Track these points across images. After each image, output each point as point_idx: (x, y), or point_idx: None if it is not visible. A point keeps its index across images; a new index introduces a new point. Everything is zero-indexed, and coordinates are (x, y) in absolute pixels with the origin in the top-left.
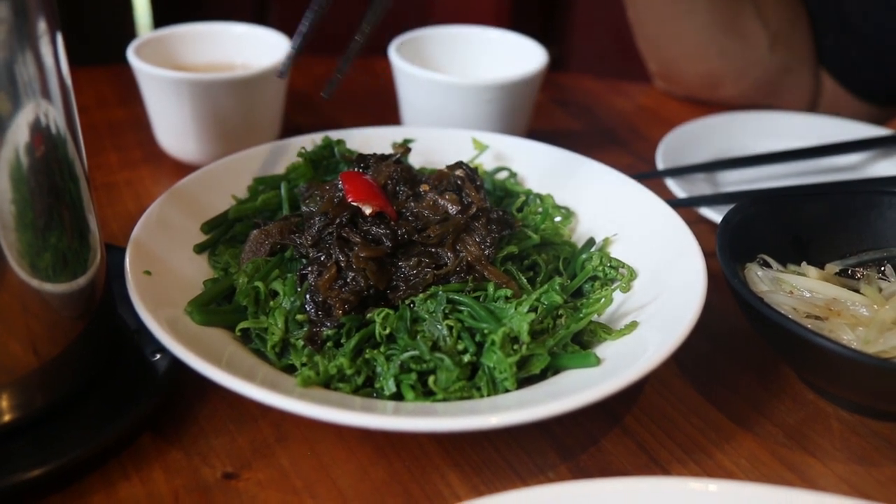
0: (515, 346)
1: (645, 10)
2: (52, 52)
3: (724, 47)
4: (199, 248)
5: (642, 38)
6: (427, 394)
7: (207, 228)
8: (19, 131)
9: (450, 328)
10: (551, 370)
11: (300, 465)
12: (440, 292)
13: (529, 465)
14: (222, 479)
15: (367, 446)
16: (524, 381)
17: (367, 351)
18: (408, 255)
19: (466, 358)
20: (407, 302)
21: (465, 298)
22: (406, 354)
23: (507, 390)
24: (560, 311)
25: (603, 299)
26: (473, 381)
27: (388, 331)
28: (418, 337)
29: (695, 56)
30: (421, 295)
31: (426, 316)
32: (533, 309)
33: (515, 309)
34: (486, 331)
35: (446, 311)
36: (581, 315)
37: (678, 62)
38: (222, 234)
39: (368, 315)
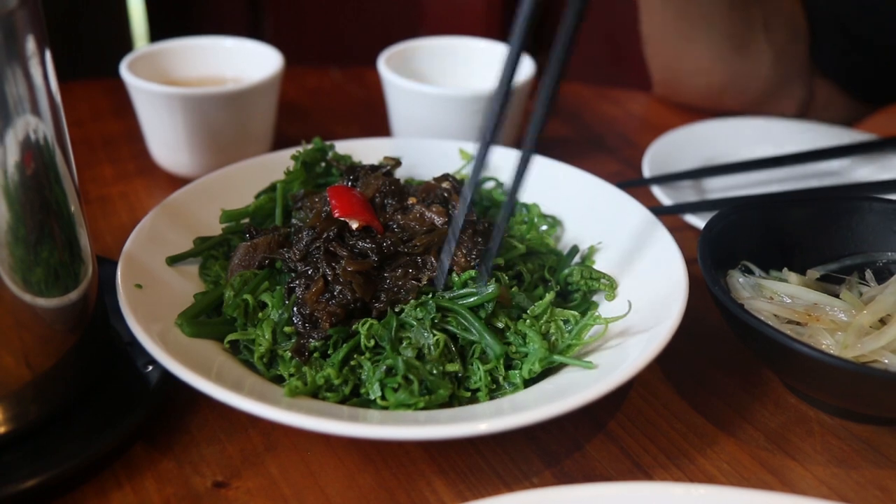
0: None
1: (661, 27)
2: (42, 71)
3: (733, 66)
4: (171, 260)
5: (652, 52)
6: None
7: (200, 243)
8: (9, 149)
9: (437, 341)
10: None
11: (289, 474)
12: (430, 301)
13: (514, 470)
14: (213, 487)
15: (354, 454)
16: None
17: (355, 358)
18: (394, 266)
19: (452, 367)
20: (396, 309)
21: (457, 307)
22: (389, 361)
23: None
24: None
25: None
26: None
27: (372, 342)
28: (404, 343)
29: (703, 72)
30: (412, 301)
31: (413, 323)
32: (545, 359)
33: (525, 340)
34: (484, 346)
35: (435, 320)
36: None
37: (685, 77)
38: (201, 249)
39: (354, 326)
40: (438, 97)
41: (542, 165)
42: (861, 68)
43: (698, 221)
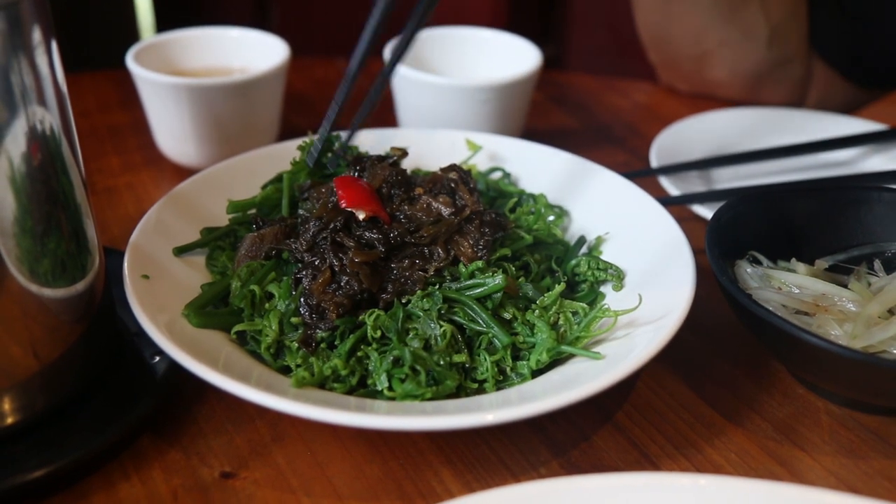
0: (525, 370)
1: None
2: (48, 61)
3: (724, 36)
4: (178, 251)
5: (642, 19)
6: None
7: (206, 233)
8: (16, 140)
9: (444, 331)
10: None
11: (296, 464)
12: (436, 292)
13: (521, 461)
14: (220, 478)
15: (361, 444)
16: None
17: (362, 348)
18: (400, 257)
19: (459, 358)
20: (403, 300)
21: (464, 297)
22: (396, 352)
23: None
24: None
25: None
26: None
27: (379, 333)
28: (410, 334)
29: (693, 40)
30: (419, 292)
31: (420, 314)
32: (553, 349)
33: (533, 331)
34: (491, 336)
35: (441, 311)
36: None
37: (675, 44)
38: (208, 240)
39: (361, 317)
40: (445, 87)
41: (549, 155)
42: (862, 54)
43: (706, 212)
